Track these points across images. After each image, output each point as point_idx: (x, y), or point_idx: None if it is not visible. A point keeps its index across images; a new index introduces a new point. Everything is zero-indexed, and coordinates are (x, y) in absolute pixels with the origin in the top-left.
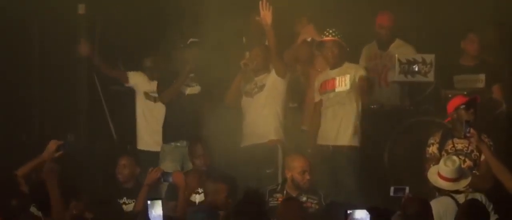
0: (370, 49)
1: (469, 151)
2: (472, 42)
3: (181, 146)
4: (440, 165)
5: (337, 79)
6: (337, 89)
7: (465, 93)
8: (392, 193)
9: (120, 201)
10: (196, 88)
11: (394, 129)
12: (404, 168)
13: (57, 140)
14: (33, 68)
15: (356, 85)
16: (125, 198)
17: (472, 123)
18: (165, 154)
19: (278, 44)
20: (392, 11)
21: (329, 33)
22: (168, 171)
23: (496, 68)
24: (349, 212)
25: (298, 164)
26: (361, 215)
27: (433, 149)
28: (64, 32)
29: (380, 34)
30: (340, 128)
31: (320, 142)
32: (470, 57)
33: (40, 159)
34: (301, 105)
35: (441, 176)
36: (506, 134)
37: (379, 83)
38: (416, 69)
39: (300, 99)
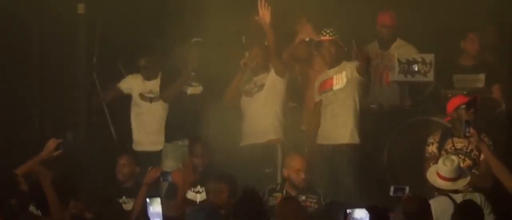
0: (371, 49)
1: (468, 150)
2: (472, 42)
3: (183, 145)
4: (439, 165)
5: (334, 77)
6: (334, 88)
7: (464, 92)
8: (392, 193)
9: (119, 201)
10: (198, 88)
11: (393, 129)
12: (403, 168)
13: (56, 138)
14: (32, 67)
15: (354, 68)
16: (124, 197)
17: (472, 123)
18: (167, 153)
19: (278, 43)
20: (392, 10)
21: (326, 32)
22: (168, 170)
23: (495, 68)
24: (348, 211)
25: (294, 163)
26: (361, 214)
27: (432, 148)
28: (64, 31)
29: (381, 33)
30: (338, 126)
31: (319, 141)
32: (470, 57)
33: (39, 158)
34: (300, 104)
35: (439, 175)
36: (506, 133)
37: (380, 82)
38: (416, 69)
39: (300, 99)
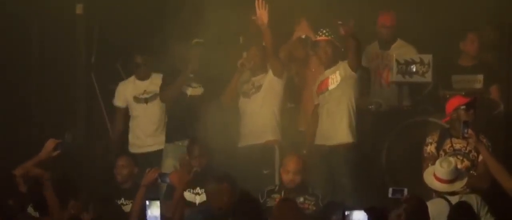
0: (371, 49)
1: (467, 151)
2: (471, 42)
3: (183, 145)
4: (436, 166)
5: (330, 77)
6: (330, 87)
7: (463, 93)
8: (390, 195)
9: (118, 202)
10: (199, 90)
11: (392, 130)
12: (402, 169)
13: (55, 139)
14: (31, 67)
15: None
16: (123, 199)
17: (470, 124)
18: (167, 153)
19: (275, 43)
20: (391, 11)
21: (322, 33)
22: (165, 172)
23: (494, 68)
24: (347, 213)
25: (287, 164)
26: (359, 216)
27: (431, 148)
28: (63, 32)
29: (381, 34)
30: (334, 125)
31: (317, 142)
32: (469, 58)
33: (38, 158)
34: (298, 105)
35: (436, 177)
36: (504, 134)
37: (380, 83)
38: (414, 70)
39: (298, 100)
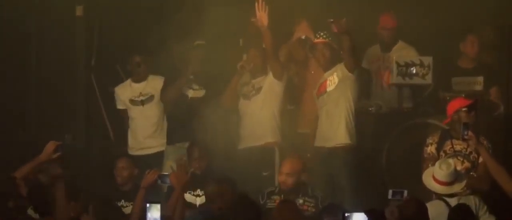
0: (373, 51)
1: (467, 152)
2: (471, 44)
3: (184, 147)
4: (435, 168)
5: (328, 79)
6: (328, 89)
7: (463, 95)
8: (390, 196)
9: (118, 204)
10: (200, 92)
11: (392, 131)
12: (402, 171)
13: (55, 141)
14: (31, 69)
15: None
16: (123, 201)
17: (470, 126)
18: (168, 154)
19: (275, 45)
20: (392, 12)
21: (320, 35)
22: (165, 173)
23: (494, 70)
24: (346, 215)
25: (283, 166)
26: (359, 218)
27: (431, 149)
28: (62, 34)
29: (382, 36)
30: (333, 126)
31: (316, 144)
32: (469, 59)
33: (38, 160)
34: (298, 107)
35: (435, 179)
36: (504, 136)
37: (381, 85)
38: (414, 72)
39: (298, 102)
